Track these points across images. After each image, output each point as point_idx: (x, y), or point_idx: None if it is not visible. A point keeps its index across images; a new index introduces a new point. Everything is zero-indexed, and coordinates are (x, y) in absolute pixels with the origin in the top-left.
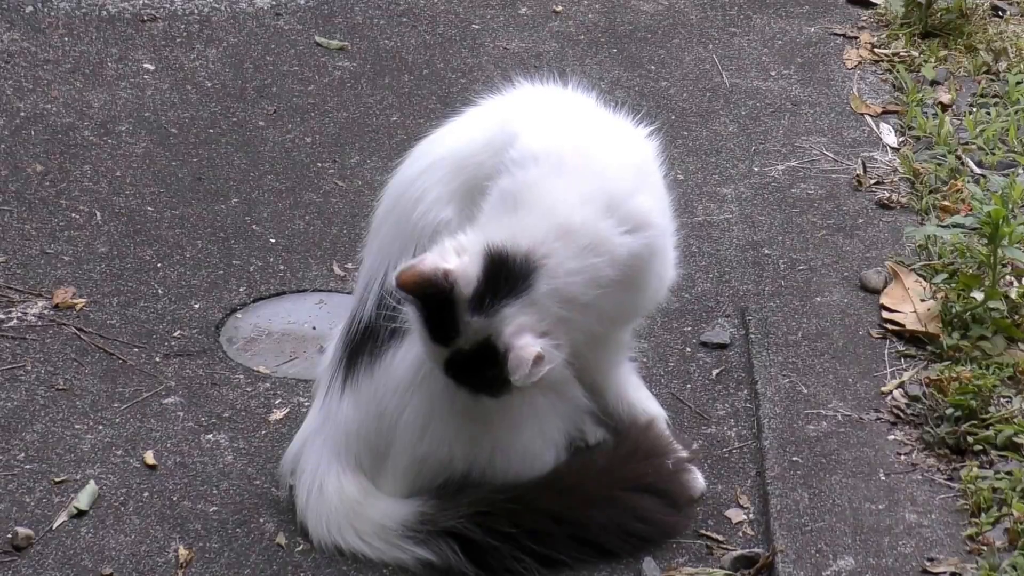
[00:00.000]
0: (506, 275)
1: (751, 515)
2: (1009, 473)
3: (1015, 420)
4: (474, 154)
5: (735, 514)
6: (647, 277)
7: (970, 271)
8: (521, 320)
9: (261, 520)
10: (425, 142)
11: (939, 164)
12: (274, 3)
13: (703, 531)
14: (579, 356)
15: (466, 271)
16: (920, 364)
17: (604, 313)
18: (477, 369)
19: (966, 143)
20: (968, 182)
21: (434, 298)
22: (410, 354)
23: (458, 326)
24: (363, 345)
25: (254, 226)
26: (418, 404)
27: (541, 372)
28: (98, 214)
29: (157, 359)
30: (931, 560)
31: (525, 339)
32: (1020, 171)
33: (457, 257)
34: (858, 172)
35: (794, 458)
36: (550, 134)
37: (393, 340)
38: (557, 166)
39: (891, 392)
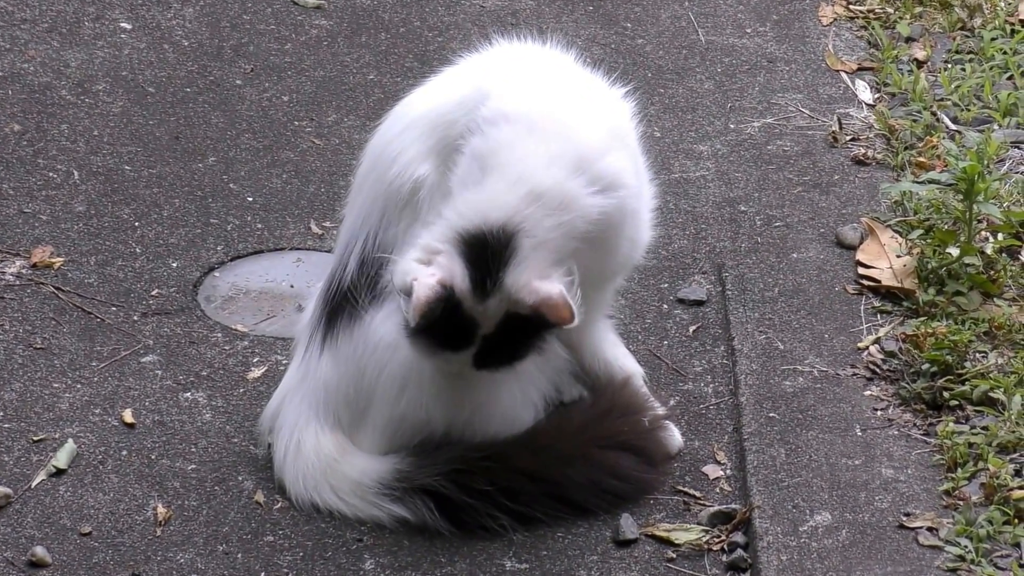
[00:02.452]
0: (491, 252)
1: (728, 471)
2: (985, 428)
3: (991, 375)
4: (448, 112)
5: (712, 470)
6: (618, 238)
7: (945, 227)
8: (525, 277)
9: (239, 478)
10: (403, 102)
11: (914, 120)
12: None
13: (680, 487)
14: None
15: (450, 267)
16: (896, 320)
17: (581, 269)
18: (509, 346)
19: (941, 99)
20: (943, 138)
21: (446, 311)
22: (392, 316)
23: (473, 321)
24: (343, 304)
25: (231, 185)
26: (398, 363)
27: (575, 299)
28: (75, 173)
29: (135, 318)
30: (907, 515)
31: (543, 285)
32: (995, 127)
33: (430, 260)
34: (834, 129)
35: (771, 414)
36: (522, 94)
37: (374, 299)
38: (527, 126)
39: (867, 348)
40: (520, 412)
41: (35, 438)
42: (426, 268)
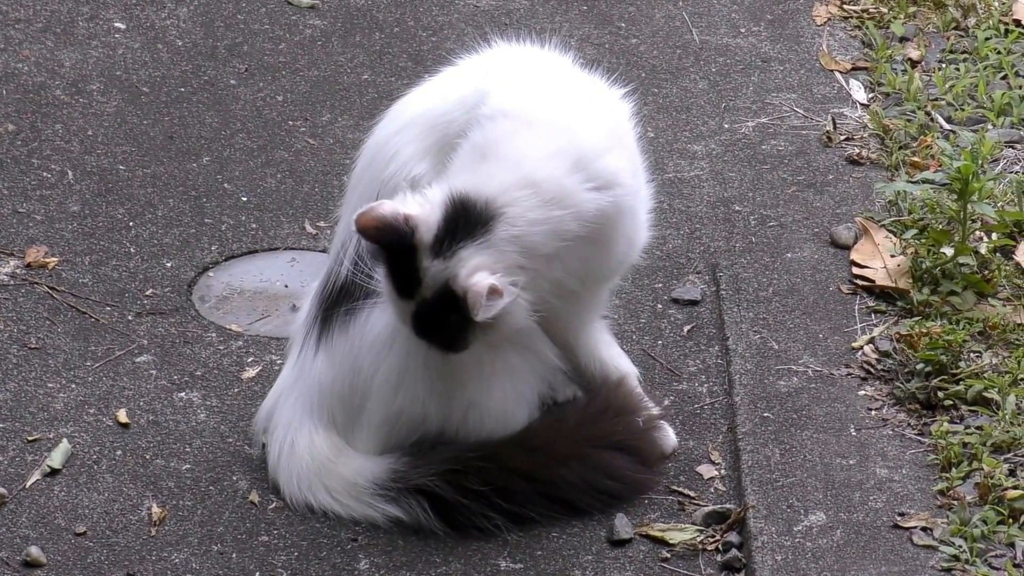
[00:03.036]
0: (465, 220)
1: (722, 471)
2: (979, 428)
3: (985, 375)
4: (447, 111)
5: (706, 470)
6: (614, 236)
7: (940, 227)
8: (477, 261)
9: (234, 478)
10: (400, 102)
11: (909, 120)
12: None
13: (675, 487)
14: (551, 311)
15: (427, 217)
16: (890, 319)
17: (570, 269)
18: (441, 319)
19: (935, 99)
20: (938, 138)
21: (396, 245)
22: (387, 312)
23: (417, 276)
24: (339, 303)
25: (226, 184)
26: (393, 361)
27: (498, 306)
28: (70, 173)
29: (129, 318)
30: (902, 515)
31: (480, 275)
32: (989, 127)
33: (419, 206)
34: (828, 128)
35: (765, 414)
36: (522, 93)
37: (369, 298)
38: (528, 122)
39: (862, 348)
40: (515, 410)
41: (30, 438)
42: (414, 205)
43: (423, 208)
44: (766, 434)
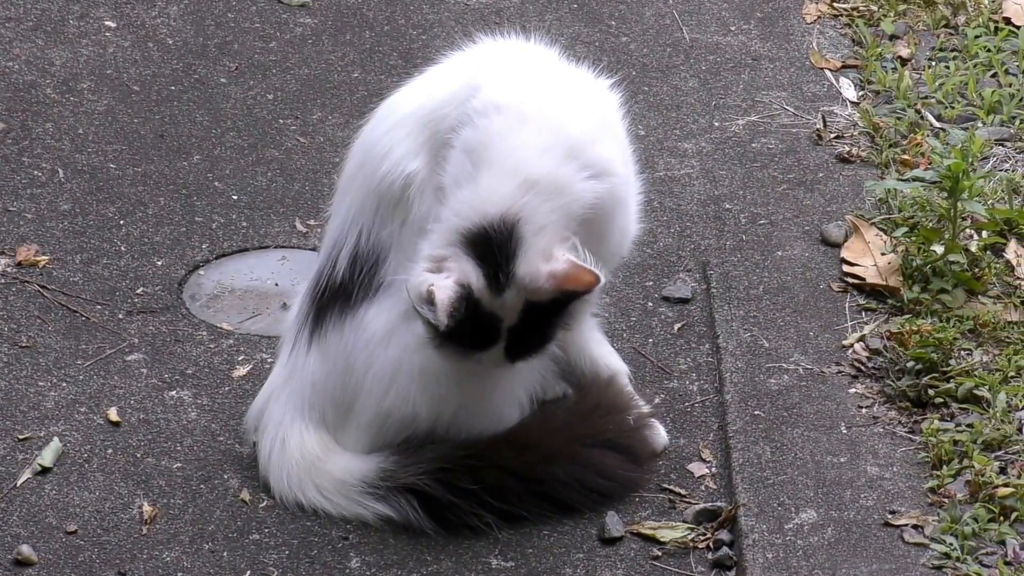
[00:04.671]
0: (497, 246)
1: (713, 469)
2: (970, 426)
3: (976, 373)
4: (439, 108)
5: (697, 468)
6: (608, 226)
7: (930, 224)
8: (535, 263)
9: (225, 476)
10: (389, 100)
11: (899, 118)
12: None
13: (666, 485)
14: None
15: (462, 269)
16: (881, 317)
17: None
18: (536, 331)
19: (925, 97)
20: (928, 136)
21: (468, 311)
22: (384, 314)
23: (494, 316)
24: (332, 302)
25: (216, 183)
26: (386, 360)
27: (589, 266)
28: (60, 172)
29: (120, 316)
30: (893, 513)
31: (552, 265)
32: (979, 125)
33: (440, 268)
34: (818, 126)
35: (756, 412)
36: (512, 85)
37: (367, 296)
38: (519, 116)
39: (852, 345)
40: (506, 409)
41: (20, 436)
42: (439, 275)
43: (450, 267)
44: (757, 432)
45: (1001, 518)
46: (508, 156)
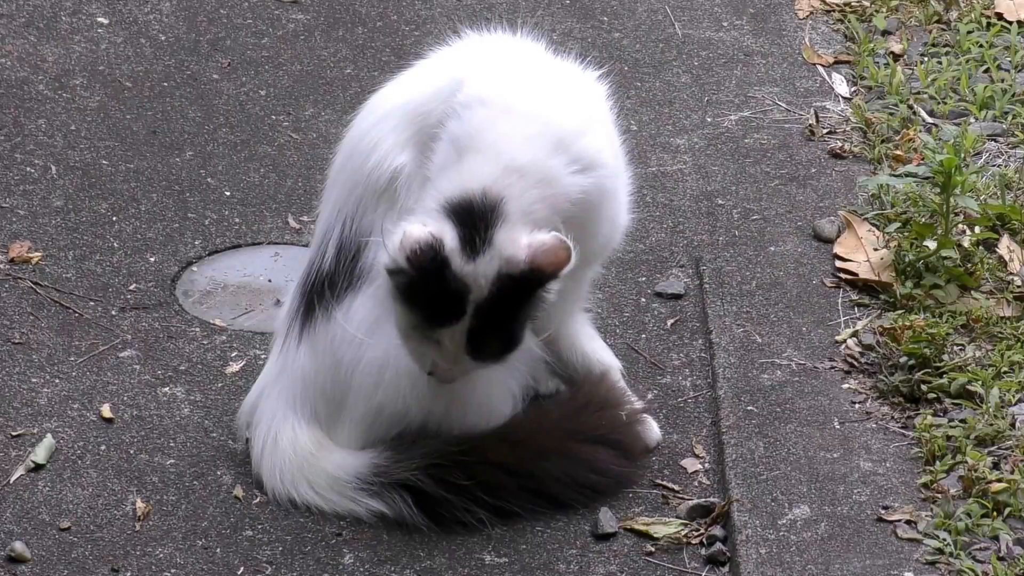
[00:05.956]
0: (477, 214)
1: (706, 464)
2: (963, 421)
3: (968, 368)
4: (424, 103)
5: (691, 464)
6: (598, 218)
7: (923, 220)
8: (516, 233)
9: (218, 473)
10: (377, 95)
11: (891, 114)
12: None
13: (659, 481)
14: None
15: (439, 228)
16: (874, 313)
17: None
18: (503, 319)
19: (918, 93)
20: (920, 131)
21: (433, 265)
22: (368, 303)
23: (463, 285)
24: (320, 293)
25: (209, 179)
26: (375, 354)
27: (572, 252)
28: (53, 168)
29: (113, 312)
30: (886, 508)
31: (534, 236)
32: (971, 120)
33: (424, 224)
34: (811, 122)
35: (749, 407)
36: (498, 79)
37: (351, 285)
38: (504, 108)
39: (845, 341)
40: (498, 403)
41: (13, 433)
42: (414, 224)
43: (430, 223)
44: (750, 427)
45: (994, 513)
46: (493, 143)
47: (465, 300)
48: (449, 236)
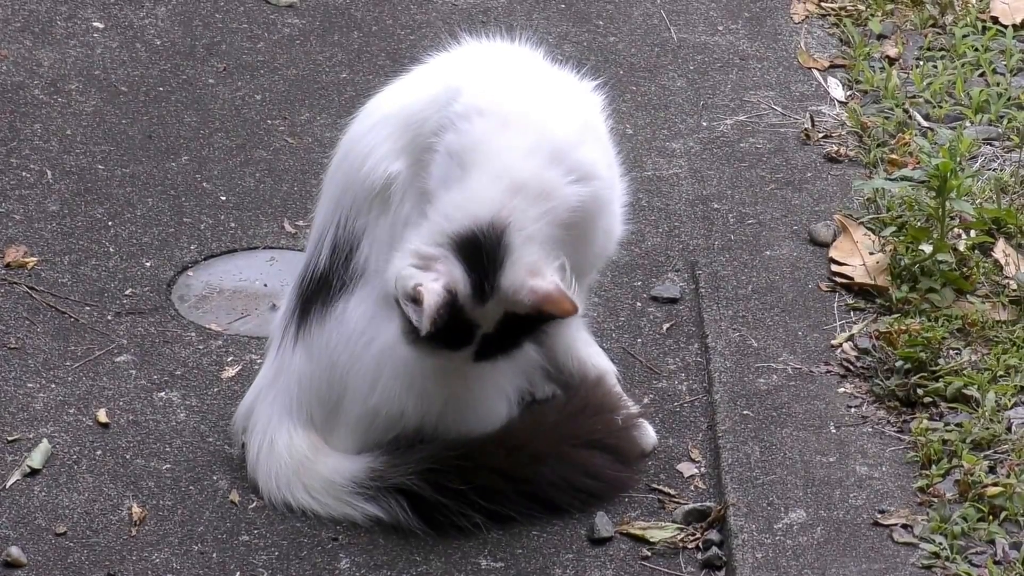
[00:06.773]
0: (485, 254)
1: (703, 469)
2: (959, 425)
3: (964, 372)
4: (419, 110)
5: (687, 468)
6: (594, 230)
7: (918, 224)
8: (521, 276)
9: (214, 477)
10: (373, 100)
11: (887, 118)
12: None
13: (655, 485)
14: None
15: (451, 274)
16: (869, 317)
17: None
18: (508, 340)
19: (913, 96)
20: (916, 135)
21: (451, 316)
22: (362, 305)
23: (472, 322)
24: (315, 295)
25: (205, 184)
26: (370, 357)
27: (570, 291)
28: (49, 173)
29: (109, 317)
30: (882, 512)
31: (539, 283)
32: (967, 124)
33: (428, 266)
34: (806, 126)
35: (745, 411)
36: (493, 88)
37: (344, 291)
38: (501, 120)
39: (841, 345)
40: (494, 406)
41: (9, 438)
42: (428, 274)
43: (439, 269)
44: (746, 432)
45: (990, 517)
46: (494, 159)
47: (474, 333)
48: (462, 284)
